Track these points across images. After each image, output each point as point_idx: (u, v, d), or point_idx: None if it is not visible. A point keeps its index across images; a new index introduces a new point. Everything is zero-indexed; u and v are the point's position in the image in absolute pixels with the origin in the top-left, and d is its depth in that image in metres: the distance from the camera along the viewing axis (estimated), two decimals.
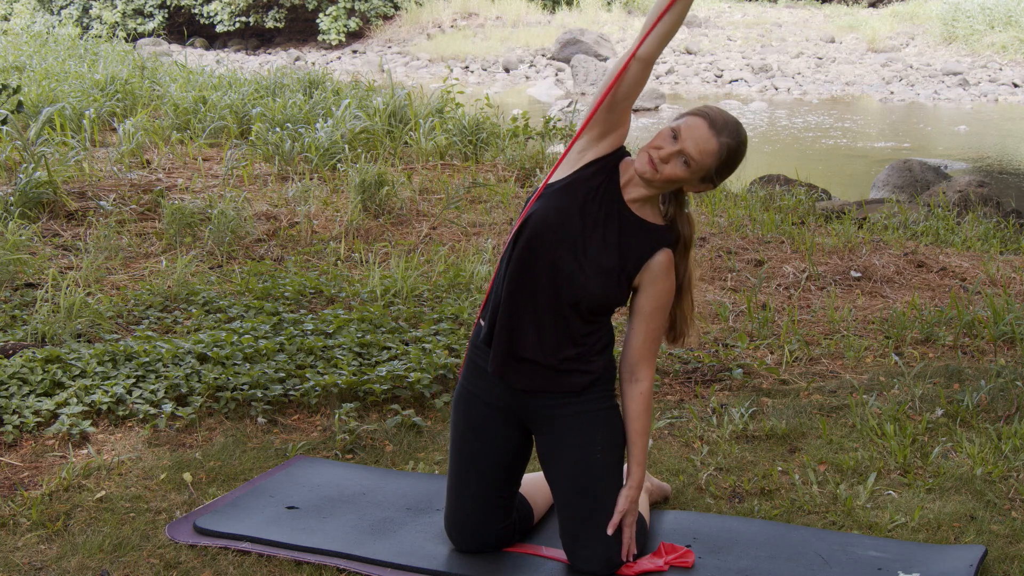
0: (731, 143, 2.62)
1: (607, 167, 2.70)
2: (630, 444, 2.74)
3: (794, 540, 2.94)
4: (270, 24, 26.92)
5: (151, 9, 27.28)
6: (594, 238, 2.66)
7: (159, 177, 7.43)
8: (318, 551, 2.85)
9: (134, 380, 3.79)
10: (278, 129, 8.35)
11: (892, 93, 19.33)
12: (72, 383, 3.73)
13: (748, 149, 2.70)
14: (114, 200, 6.54)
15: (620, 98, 2.64)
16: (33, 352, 3.86)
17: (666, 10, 2.55)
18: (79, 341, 4.26)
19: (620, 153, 2.72)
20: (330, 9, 26.45)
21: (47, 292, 4.77)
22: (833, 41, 25.14)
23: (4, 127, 6.80)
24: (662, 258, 2.68)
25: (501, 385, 2.75)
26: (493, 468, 2.80)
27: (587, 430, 2.73)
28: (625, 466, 2.78)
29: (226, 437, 3.61)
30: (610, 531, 2.71)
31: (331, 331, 4.37)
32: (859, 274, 5.72)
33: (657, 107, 17.24)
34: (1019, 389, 3.96)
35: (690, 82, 21.46)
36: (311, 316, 4.58)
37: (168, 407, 3.66)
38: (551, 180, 2.72)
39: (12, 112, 6.58)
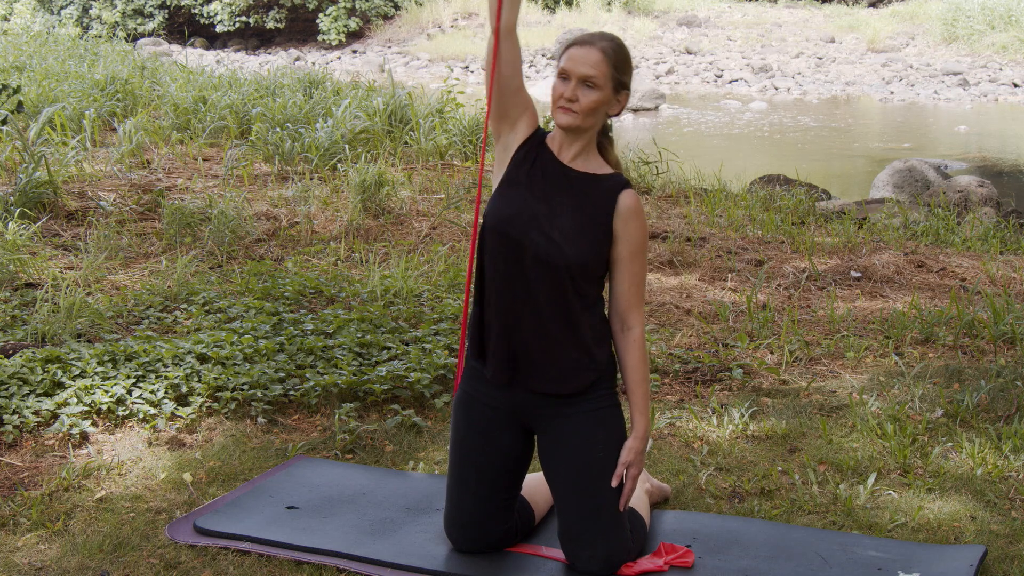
0: (610, 43, 2.69)
1: (535, 144, 2.76)
2: (631, 394, 2.75)
3: (794, 540, 2.94)
4: (270, 24, 26.92)
5: (151, 9, 27.28)
6: (553, 208, 2.70)
7: (159, 177, 7.43)
8: (318, 551, 2.85)
9: (134, 380, 3.79)
10: (278, 129, 8.35)
11: (892, 93, 19.33)
12: (72, 383, 3.72)
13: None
14: (114, 200, 6.54)
15: (506, 78, 2.72)
16: (33, 352, 3.86)
17: None
18: (79, 341, 4.25)
19: (540, 133, 2.78)
20: (330, 9, 26.45)
21: (47, 292, 4.77)
22: (833, 41, 25.13)
23: (4, 127, 6.80)
24: (627, 200, 2.71)
25: (502, 388, 2.76)
26: (494, 470, 2.80)
27: (588, 429, 2.73)
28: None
29: (226, 437, 3.61)
30: (614, 483, 2.70)
31: (331, 331, 4.37)
32: (859, 274, 5.72)
33: (657, 107, 17.23)
34: (1019, 389, 3.96)
35: (690, 82, 21.46)
36: (311, 316, 4.57)
37: (168, 407, 3.66)
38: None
39: (12, 112, 6.58)
